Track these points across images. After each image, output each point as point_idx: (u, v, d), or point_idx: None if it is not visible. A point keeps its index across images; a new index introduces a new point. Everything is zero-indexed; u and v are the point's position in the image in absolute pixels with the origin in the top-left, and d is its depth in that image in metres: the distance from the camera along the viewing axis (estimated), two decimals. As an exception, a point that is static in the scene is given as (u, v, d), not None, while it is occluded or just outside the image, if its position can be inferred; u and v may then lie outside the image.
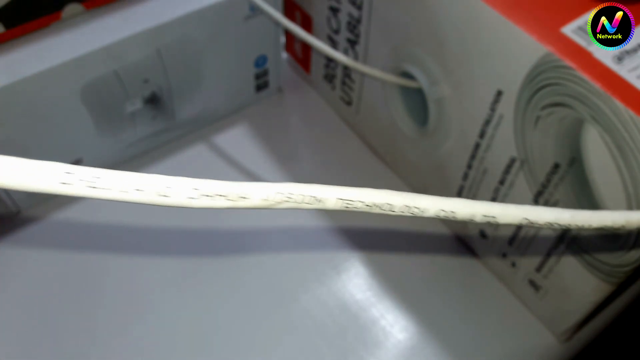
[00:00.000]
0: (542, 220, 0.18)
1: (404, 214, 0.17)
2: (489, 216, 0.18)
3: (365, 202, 0.17)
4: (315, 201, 0.17)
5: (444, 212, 0.17)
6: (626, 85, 0.23)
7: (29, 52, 0.31)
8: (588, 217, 0.18)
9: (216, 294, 0.34)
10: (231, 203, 0.16)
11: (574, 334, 0.32)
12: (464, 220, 0.18)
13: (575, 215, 0.18)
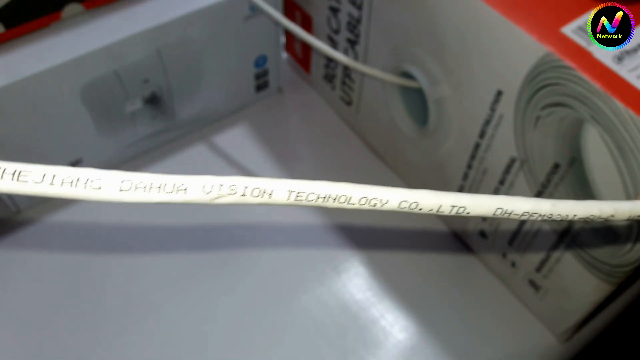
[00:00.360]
0: (518, 211, 0.17)
1: (363, 206, 0.16)
2: (458, 207, 0.17)
3: (318, 194, 0.16)
4: (263, 194, 0.15)
5: (406, 202, 0.16)
6: (626, 85, 0.23)
7: (29, 52, 0.31)
8: (571, 208, 0.17)
9: (216, 293, 0.34)
10: (168, 196, 0.15)
11: (574, 334, 0.32)
12: (430, 212, 0.17)
13: (556, 205, 0.17)
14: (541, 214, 0.17)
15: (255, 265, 0.35)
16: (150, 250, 0.35)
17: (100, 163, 0.37)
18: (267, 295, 0.34)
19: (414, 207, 0.17)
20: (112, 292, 0.33)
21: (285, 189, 0.15)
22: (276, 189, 0.15)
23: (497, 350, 0.32)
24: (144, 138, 0.38)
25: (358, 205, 0.16)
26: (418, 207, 0.17)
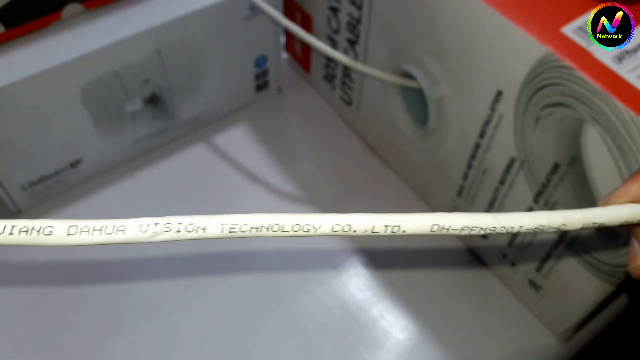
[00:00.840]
0: (456, 226, 0.17)
1: (297, 233, 0.17)
2: (392, 226, 0.17)
3: (251, 225, 0.17)
4: (197, 229, 0.16)
5: (339, 226, 0.17)
6: (626, 85, 0.23)
7: (29, 52, 0.31)
8: (517, 220, 0.18)
9: (216, 294, 0.34)
10: (109, 237, 0.16)
11: (574, 334, 0.32)
12: (365, 233, 0.17)
13: (498, 217, 0.17)
14: (482, 227, 0.17)
15: (255, 266, 0.35)
16: (151, 250, 0.35)
17: (100, 163, 0.37)
18: (267, 295, 0.34)
19: (347, 229, 0.17)
20: (113, 292, 0.33)
21: (218, 223, 0.16)
22: (209, 224, 0.16)
23: (497, 350, 0.32)
24: (144, 138, 0.38)
25: (291, 232, 0.17)
26: (352, 229, 0.17)
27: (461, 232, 0.18)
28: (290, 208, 0.37)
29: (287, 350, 0.32)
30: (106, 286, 0.34)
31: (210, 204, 0.37)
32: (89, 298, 0.33)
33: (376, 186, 0.39)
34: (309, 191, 0.38)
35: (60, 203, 0.36)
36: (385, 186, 0.39)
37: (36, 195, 0.36)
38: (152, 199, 0.37)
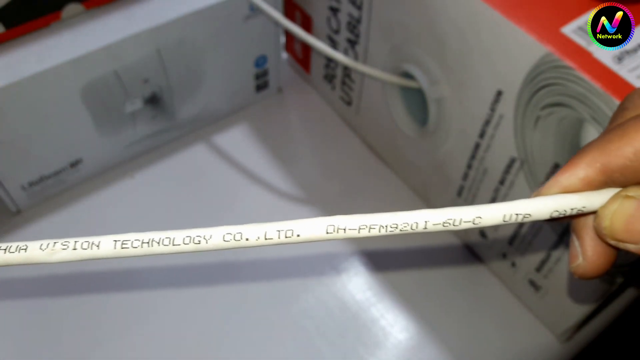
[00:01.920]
0: (353, 226, 0.17)
1: (187, 246, 0.17)
2: (285, 230, 0.17)
3: (142, 240, 0.17)
4: (91, 246, 0.17)
5: (230, 235, 0.17)
6: (626, 85, 0.23)
7: (29, 52, 0.31)
8: (421, 216, 0.17)
9: (216, 294, 0.34)
10: (11, 256, 0.17)
11: (574, 334, 0.32)
12: (258, 241, 0.17)
13: (399, 216, 0.17)
14: (383, 224, 0.17)
15: (255, 266, 0.35)
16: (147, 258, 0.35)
17: (100, 163, 0.37)
18: (267, 295, 0.34)
19: (238, 237, 0.18)
20: (113, 292, 0.33)
21: (110, 240, 0.17)
22: (103, 241, 0.17)
23: (497, 350, 0.32)
24: (144, 138, 0.38)
25: (182, 245, 0.18)
26: (243, 237, 0.18)
27: (359, 233, 0.17)
28: (290, 208, 0.37)
29: (287, 350, 0.32)
30: (106, 286, 0.34)
31: (210, 204, 0.37)
32: (84, 310, 0.33)
33: (376, 186, 0.39)
34: (308, 191, 0.38)
35: (60, 203, 0.36)
36: (385, 186, 0.39)
37: (36, 195, 0.36)
38: (152, 199, 0.37)
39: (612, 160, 0.17)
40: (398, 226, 0.17)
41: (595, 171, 0.18)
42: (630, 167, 0.17)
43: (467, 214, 0.17)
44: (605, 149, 0.17)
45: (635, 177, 0.17)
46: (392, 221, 0.17)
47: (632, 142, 0.17)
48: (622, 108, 0.19)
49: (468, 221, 0.17)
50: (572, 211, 0.18)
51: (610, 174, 0.17)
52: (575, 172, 0.18)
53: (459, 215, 0.17)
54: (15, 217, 0.36)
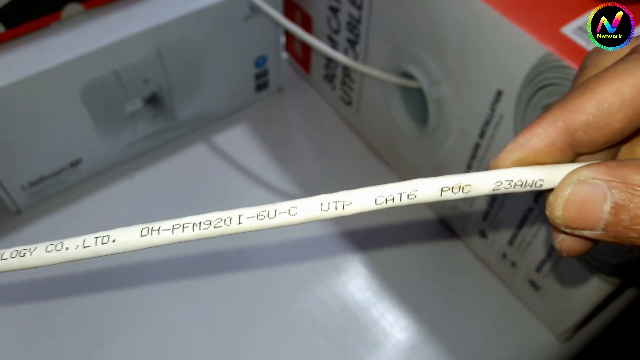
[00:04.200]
0: (166, 226, 0.17)
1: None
2: (102, 237, 0.18)
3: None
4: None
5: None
6: (626, 85, 0.23)
7: (29, 52, 0.31)
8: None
9: (216, 294, 0.34)
10: None
11: (574, 334, 0.32)
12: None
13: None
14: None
15: (255, 266, 0.35)
16: (152, 251, 0.35)
17: (100, 163, 0.37)
18: (267, 295, 0.34)
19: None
20: (113, 291, 0.33)
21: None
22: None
23: (497, 350, 0.32)
24: (144, 138, 0.38)
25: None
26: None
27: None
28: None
29: (287, 350, 0.32)
30: (107, 286, 0.34)
31: (210, 204, 0.37)
32: (89, 298, 0.33)
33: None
34: (308, 191, 0.38)
35: (60, 203, 0.36)
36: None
37: (36, 195, 0.36)
38: (152, 199, 0.37)
39: (574, 117, 0.16)
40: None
41: (557, 130, 0.16)
42: (593, 124, 0.16)
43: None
44: (566, 106, 0.16)
45: (599, 135, 0.16)
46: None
47: (594, 97, 0.16)
48: (582, 67, 0.18)
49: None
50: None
51: (573, 132, 0.16)
52: (535, 132, 0.17)
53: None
54: (15, 217, 0.36)
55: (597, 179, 0.15)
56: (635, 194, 0.15)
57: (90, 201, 0.37)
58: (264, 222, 0.17)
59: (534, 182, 0.17)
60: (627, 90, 0.16)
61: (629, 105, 0.16)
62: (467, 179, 0.17)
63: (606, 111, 0.16)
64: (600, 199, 0.15)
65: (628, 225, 0.15)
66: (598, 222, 0.15)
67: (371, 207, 0.17)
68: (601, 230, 0.15)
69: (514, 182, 0.17)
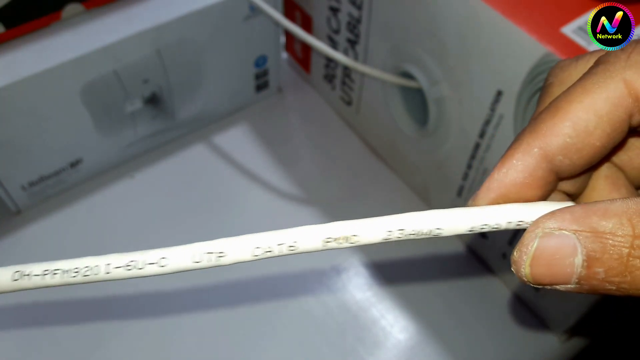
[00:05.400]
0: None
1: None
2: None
3: None
4: None
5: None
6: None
7: (29, 52, 0.31)
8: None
9: (216, 294, 0.34)
10: None
11: (574, 334, 0.32)
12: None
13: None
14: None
15: (255, 266, 0.35)
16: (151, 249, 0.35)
17: (100, 163, 0.37)
18: (267, 295, 0.34)
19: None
20: (114, 291, 0.33)
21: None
22: None
23: (497, 350, 0.32)
24: (144, 138, 0.38)
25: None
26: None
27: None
28: (290, 208, 0.37)
29: (287, 350, 0.32)
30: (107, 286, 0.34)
31: (210, 204, 0.37)
32: (90, 298, 0.33)
33: (376, 186, 0.39)
34: (308, 191, 0.38)
35: (60, 203, 0.36)
36: (385, 186, 0.39)
37: (36, 195, 0.36)
38: (152, 199, 0.37)
39: (550, 141, 0.15)
40: None
41: (535, 158, 0.15)
42: (572, 146, 0.15)
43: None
44: (540, 131, 0.15)
45: (580, 157, 0.15)
46: None
47: (568, 116, 0.15)
48: (547, 85, 0.17)
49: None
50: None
51: (551, 158, 0.15)
52: (512, 164, 0.15)
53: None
54: (15, 217, 0.36)
55: (564, 230, 0.14)
56: (608, 244, 0.13)
57: (90, 201, 0.37)
58: (132, 272, 0.16)
59: (430, 232, 0.15)
60: (601, 104, 0.14)
61: (606, 120, 0.15)
62: (353, 228, 0.16)
63: (583, 130, 0.15)
64: (570, 252, 0.13)
65: (604, 278, 0.13)
66: (571, 276, 0.14)
67: (247, 259, 0.16)
68: (575, 284, 0.14)
69: (409, 232, 0.15)
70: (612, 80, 0.15)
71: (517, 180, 0.15)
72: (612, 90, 0.14)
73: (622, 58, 0.15)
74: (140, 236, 0.35)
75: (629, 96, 0.14)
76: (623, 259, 0.13)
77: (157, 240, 0.35)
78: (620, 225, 0.13)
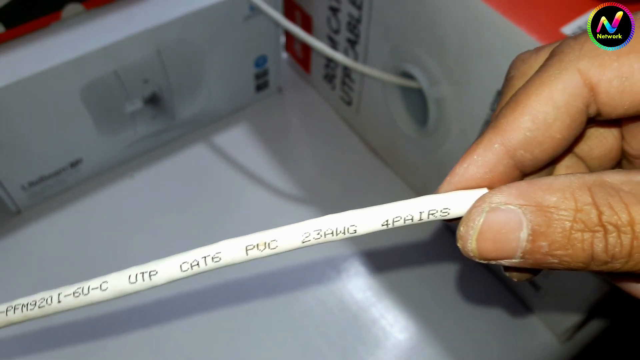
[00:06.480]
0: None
1: None
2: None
3: None
4: None
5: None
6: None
7: (29, 52, 0.31)
8: None
9: (216, 294, 0.34)
10: None
11: (574, 334, 0.32)
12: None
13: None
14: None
15: (255, 266, 0.35)
16: (151, 251, 0.35)
17: (100, 163, 0.37)
18: (268, 295, 0.34)
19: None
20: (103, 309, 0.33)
21: None
22: None
23: (497, 350, 0.32)
24: (144, 138, 0.38)
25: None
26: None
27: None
28: (290, 208, 0.37)
29: (287, 350, 0.32)
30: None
31: (210, 204, 0.37)
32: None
33: (376, 186, 0.39)
34: (308, 191, 0.38)
35: (60, 203, 0.36)
36: (385, 186, 0.39)
37: (36, 195, 0.36)
38: (152, 199, 0.37)
39: (511, 136, 0.15)
40: None
41: (496, 154, 0.15)
42: (532, 139, 0.15)
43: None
44: (500, 126, 0.15)
45: (541, 151, 0.15)
46: None
47: (526, 110, 0.15)
48: (508, 78, 0.17)
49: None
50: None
51: (513, 153, 0.15)
52: (472, 160, 0.15)
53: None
54: (15, 217, 0.36)
55: (510, 205, 0.14)
56: (552, 218, 0.13)
57: (90, 201, 0.37)
58: (80, 299, 0.17)
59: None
60: (559, 96, 0.14)
61: (564, 111, 0.15)
62: (271, 235, 0.16)
63: (543, 123, 0.15)
64: (516, 227, 0.14)
65: (547, 251, 0.13)
66: (515, 250, 0.14)
67: (178, 275, 0.17)
68: (519, 259, 0.14)
69: (323, 231, 0.16)
70: (567, 71, 0.15)
71: (477, 175, 0.15)
72: (568, 80, 0.14)
73: (575, 48, 0.15)
74: (140, 236, 0.35)
75: (584, 86, 0.14)
76: (566, 232, 0.13)
77: (157, 240, 0.35)
78: (563, 200, 0.13)
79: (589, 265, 0.13)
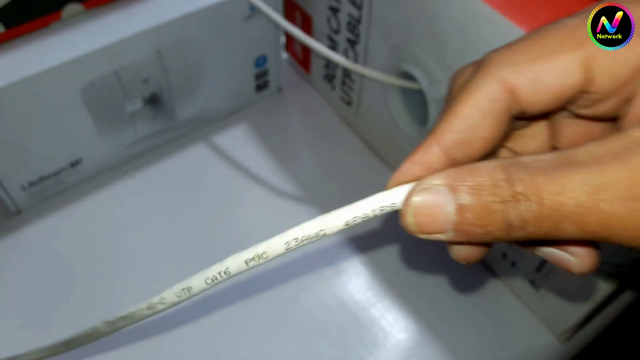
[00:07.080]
0: None
1: None
2: None
3: None
4: None
5: None
6: (626, 85, 0.23)
7: (29, 52, 0.31)
8: None
9: (216, 294, 0.34)
10: None
11: (574, 334, 0.32)
12: None
13: None
14: None
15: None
16: (151, 250, 0.35)
17: (100, 163, 0.37)
18: (267, 295, 0.34)
19: None
20: (113, 290, 0.33)
21: None
22: None
23: (497, 350, 0.32)
24: (144, 138, 0.38)
25: None
26: None
27: None
28: (290, 208, 0.37)
29: (287, 350, 0.32)
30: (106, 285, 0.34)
31: (210, 204, 0.37)
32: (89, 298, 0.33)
33: (376, 186, 0.39)
34: (308, 191, 0.38)
35: (60, 203, 0.36)
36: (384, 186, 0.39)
37: (36, 195, 0.36)
38: (152, 199, 0.37)
39: (445, 139, 0.17)
40: None
41: (434, 155, 0.18)
42: (463, 140, 0.17)
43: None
44: (437, 131, 0.18)
45: (472, 148, 0.17)
46: None
47: (458, 115, 0.17)
48: (450, 89, 0.19)
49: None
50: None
51: (448, 153, 0.18)
52: (414, 160, 0.18)
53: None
54: (15, 217, 0.36)
55: (439, 185, 0.16)
56: (474, 194, 0.16)
57: (90, 201, 0.37)
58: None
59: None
60: (483, 101, 0.17)
61: (487, 114, 0.17)
62: (262, 247, 0.19)
63: (471, 125, 0.17)
64: (444, 202, 0.16)
65: (473, 222, 0.16)
66: (446, 224, 0.16)
67: (204, 287, 0.21)
68: (452, 232, 0.16)
69: (300, 238, 0.19)
70: (491, 80, 0.17)
71: (418, 173, 0.18)
72: (490, 88, 0.17)
73: (497, 59, 0.18)
74: (140, 236, 0.35)
75: (504, 91, 0.17)
76: (486, 204, 0.16)
77: (157, 240, 0.35)
78: (483, 177, 0.16)
79: (509, 234, 0.16)
